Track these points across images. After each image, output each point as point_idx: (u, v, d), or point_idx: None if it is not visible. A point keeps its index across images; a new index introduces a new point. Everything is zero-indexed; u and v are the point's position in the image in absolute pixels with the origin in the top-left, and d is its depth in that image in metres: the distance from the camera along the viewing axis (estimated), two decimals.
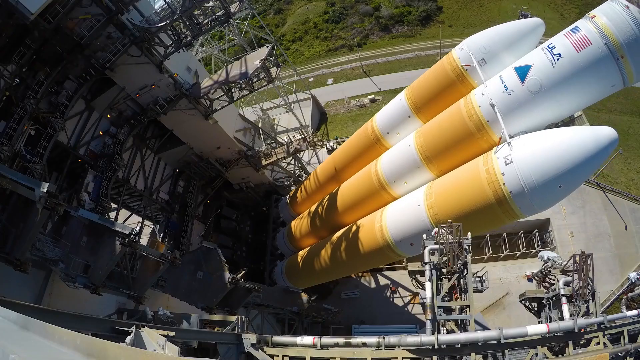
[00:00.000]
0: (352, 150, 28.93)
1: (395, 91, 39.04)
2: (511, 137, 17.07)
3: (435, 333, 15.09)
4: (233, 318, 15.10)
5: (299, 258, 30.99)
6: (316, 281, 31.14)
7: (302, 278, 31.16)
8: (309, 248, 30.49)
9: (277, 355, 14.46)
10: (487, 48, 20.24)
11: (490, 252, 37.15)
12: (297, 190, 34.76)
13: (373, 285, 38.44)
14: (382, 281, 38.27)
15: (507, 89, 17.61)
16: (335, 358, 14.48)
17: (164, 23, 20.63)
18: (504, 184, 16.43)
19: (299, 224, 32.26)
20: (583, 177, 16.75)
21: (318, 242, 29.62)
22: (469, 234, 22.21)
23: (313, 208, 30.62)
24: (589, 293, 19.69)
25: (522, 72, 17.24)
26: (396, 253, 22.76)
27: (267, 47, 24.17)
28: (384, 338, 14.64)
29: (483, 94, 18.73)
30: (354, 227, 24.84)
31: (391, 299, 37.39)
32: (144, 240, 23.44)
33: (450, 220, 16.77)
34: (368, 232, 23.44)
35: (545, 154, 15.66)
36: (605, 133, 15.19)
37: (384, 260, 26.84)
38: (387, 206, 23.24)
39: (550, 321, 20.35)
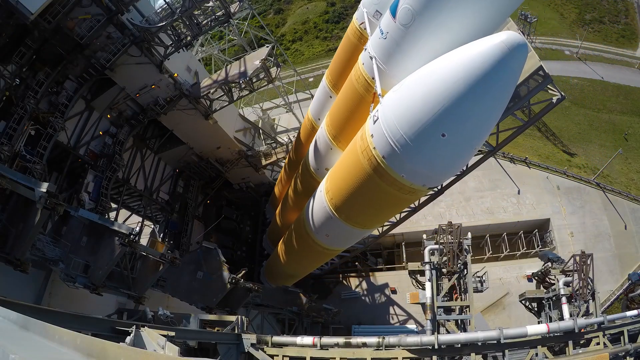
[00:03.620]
0: (299, 143, 27.16)
1: None
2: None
3: (435, 333, 15.09)
4: (233, 318, 15.08)
5: (270, 257, 30.36)
6: (283, 280, 29.60)
7: (273, 277, 30.15)
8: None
9: (277, 355, 14.45)
10: None
11: (490, 252, 37.16)
12: (274, 187, 34.30)
13: (373, 285, 38.45)
14: (382, 281, 38.28)
15: (382, 34, 13.75)
16: (335, 358, 14.47)
17: (164, 23, 20.64)
18: (374, 147, 12.57)
19: (272, 222, 31.54)
20: (482, 116, 10.53)
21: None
22: (469, 233, 22.32)
23: (279, 206, 29.65)
24: (589, 293, 19.70)
25: (394, 7, 13.02)
26: (320, 246, 20.54)
27: (267, 47, 24.18)
28: (384, 338, 14.63)
29: (365, 49, 15.53)
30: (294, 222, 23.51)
31: (391, 299, 37.39)
32: (144, 240, 23.44)
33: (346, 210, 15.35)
34: (299, 225, 21.85)
35: (411, 94, 11.12)
36: (494, 42, 9.56)
37: (322, 257, 23.99)
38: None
39: (550, 321, 20.36)
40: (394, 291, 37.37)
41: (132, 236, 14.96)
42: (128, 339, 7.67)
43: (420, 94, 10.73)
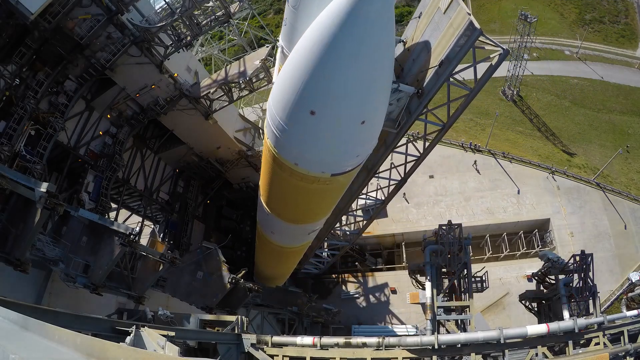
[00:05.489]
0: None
1: None
2: None
3: (435, 333, 15.10)
4: (233, 318, 15.07)
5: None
6: (268, 281, 29.11)
7: (260, 278, 29.71)
8: None
9: (277, 355, 14.45)
10: None
11: (490, 252, 37.19)
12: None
13: (373, 285, 38.47)
14: (382, 281, 38.31)
15: (285, 23, 13.13)
16: (335, 358, 14.47)
17: (164, 23, 20.62)
18: (267, 138, 11.96)
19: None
20: (351, 84, 8.84)
21: None
22: (470, 233, 22.31)
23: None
24: (589, 293, 19.71)
25: None
26: (273, 243, 20.27)
27: (267, 47, 24.14)
28: (384, 338, 14.64)
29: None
30: None
31: (391, 299, 37.41)
32: (144, 240, 23.46)
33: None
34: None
35: (281, 76, 9.97)
36: None
37: (285, 256, 23.10)
38: None
39: (550, 321, 20.37)
40: (394, 291, 37.40)
41: (132, 236, 14.96)
42: (128, 339, 7.68)
43: (287, 74, 9.58)
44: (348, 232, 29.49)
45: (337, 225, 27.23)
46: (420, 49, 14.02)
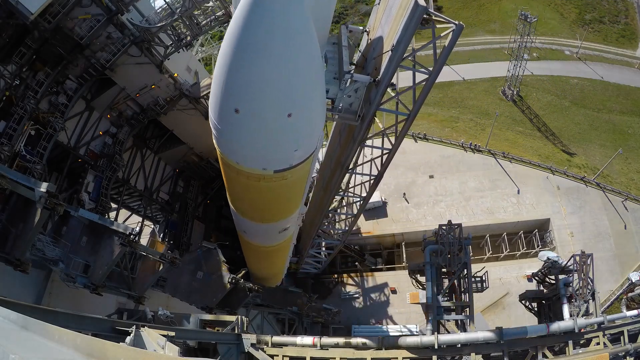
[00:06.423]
0: None
1: None
2: None
3: (435, 333, 15.10)
4: (233, 318, 15.08)
5: None
6: (262, 281, 27.88)
7: (255, 278, 29.77)
8: None
9: (277, 355, 14.46)
10: None
11: (490, 252, 37.19)
12: None
13: (373, 285, 38.47)
14: (382, 281, 38.29)
15: None
16: (335, 358, 14.48)
17: (164, 23, 20.63)
18: (214, 137, 11.86)
19: None
20: (268, 78, 8.65)
21: None
22: (470, 233, 22.30)
23: None
24: (589, 293, 19.70)
25: None
26: (249, 243, 20.23)
27: None
28: (384, 338, 14.65)
29: None
30: None
31: (391, 299, 37.40)
32: (144, 240, 23.48)
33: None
34: None
35: (214, 74, 9.62)
36: None
37: (263, 255, 22.98)
38: None
39: (550, 321, 20.38)
40: (394, 291, 37.39)
41: (132, 236, 14.96)
42: (128, 339, 7.69)
43: (215, 75, 9.43)
44: (340, 231, 29.37)
45: (326, 223, 27.05)
46: (378, 36, 13.72)
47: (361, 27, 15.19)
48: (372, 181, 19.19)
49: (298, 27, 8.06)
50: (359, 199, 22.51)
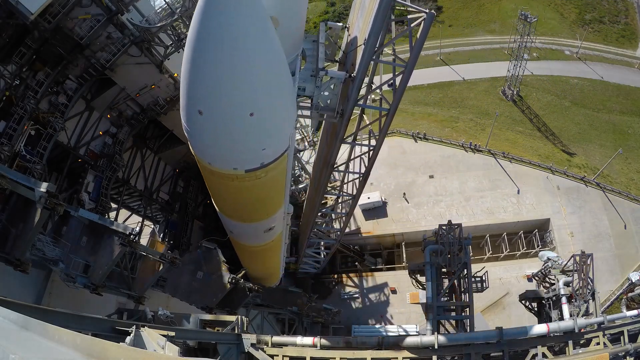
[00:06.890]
0: None
1: None
2: None
3: (435, 333, 15.10)
4: (233, 318, 15.08)
5: None
6: (259, 281, 28.93)
7: (253, 278, 29.68)
8: None
9: (277, 355, 14.46)
10: None
11: (490, 252, 37.19)
12: None
13: (373, 285, 38.47)
14: (382, 281, 38.30)
15: None
16: (335, 358, 14.48)
17: (164, 23, 20.62)
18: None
19: None
20: (228, 77, 8.53)
21: None
22: (470, 233, 22.30)
23: None
24: (589, 293, 19.70)
25: None
26: (237, 242, 20.36)
27: None
28: (384, 338, 14.65)
29: None
30: None
31: (391, 299, 37.40)
32: (144, 240, 23.43)
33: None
34: None
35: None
36: None
37: (254, 255, 22.74)
38: None
39: (550, 321, 20.37)
40: (394, 291, 37.40)
41: (132, 236, 14.97)
42: (128, 339, 7.68)
43: (181, 77, 9.40)
44: (336, 230, 29.39)
45: (319, 223, 27.07)
46: (354, 31, 13.76)
47: (340, 24, 15.22)
48: (361, 178, 19.23)
49: (253, 27, 7.97)
50: (351, 198, 22.57)
